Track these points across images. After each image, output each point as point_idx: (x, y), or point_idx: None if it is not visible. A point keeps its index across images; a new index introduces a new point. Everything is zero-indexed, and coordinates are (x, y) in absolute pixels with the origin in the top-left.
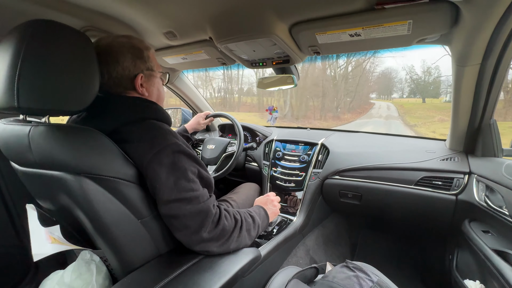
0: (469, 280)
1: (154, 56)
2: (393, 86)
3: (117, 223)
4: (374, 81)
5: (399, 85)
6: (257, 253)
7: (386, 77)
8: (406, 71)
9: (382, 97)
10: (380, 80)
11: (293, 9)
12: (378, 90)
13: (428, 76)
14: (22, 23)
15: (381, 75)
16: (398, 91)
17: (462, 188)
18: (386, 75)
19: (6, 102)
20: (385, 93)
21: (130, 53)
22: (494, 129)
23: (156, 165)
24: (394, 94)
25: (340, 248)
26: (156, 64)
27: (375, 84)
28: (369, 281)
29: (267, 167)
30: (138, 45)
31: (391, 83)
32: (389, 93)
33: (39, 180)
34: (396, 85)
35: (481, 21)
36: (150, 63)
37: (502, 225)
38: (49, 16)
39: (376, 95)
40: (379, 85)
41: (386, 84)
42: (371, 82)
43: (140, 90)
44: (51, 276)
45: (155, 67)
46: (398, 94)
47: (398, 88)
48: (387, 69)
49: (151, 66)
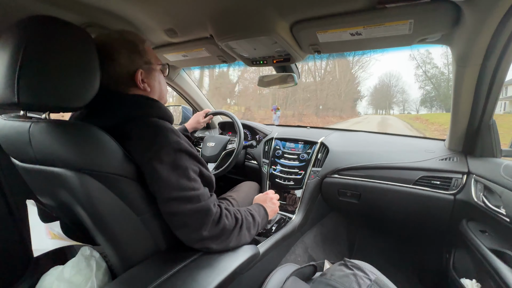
0: (466, 279)
1: (151, 48)
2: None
3: (117, 219)
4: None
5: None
6: (255, 251)
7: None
8: (418, 62)
9: (379, 111)
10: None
11: (294, 8)
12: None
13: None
14: (22, 19)
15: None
16: (399, 104)
17: (461, 188)
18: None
19: (6, 98)
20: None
21: (125, 48)
22: (493, 130)
23: (157, 163)
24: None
25: (338, 247)
26: (153, 56)
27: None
28: (366, 279)
29: (267, 165)
30: (132, 39)
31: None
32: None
33: (39, 176)
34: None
35: (483, 22)
36: (147, 56)
37: (500, 225)
38: (49, 12)
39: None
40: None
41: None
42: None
43: (141, 86)
44: (51, 272)
45: (153, 60)
46: (399, 108)
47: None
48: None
49: (149, 59)
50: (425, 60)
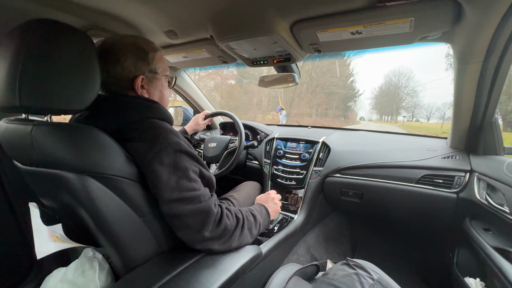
0: (470, 278)
1: (162, 59)
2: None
3: (119, 221)
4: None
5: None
6: (258, 251)
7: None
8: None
9: (384, 118)
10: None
11: (294, 7)
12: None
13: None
14: (23, 22)
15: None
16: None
17: (463, 186)
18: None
19: (8, 101)
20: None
21: (133, 53)
22: (496, 127)
23: (157, 165)
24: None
25: (341, 246)
26: (163, 66)
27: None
28: (369, 278)
29: (268, 165)
30: (143, 46)
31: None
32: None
33: (41, 178)
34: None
35: (484, 19)
36: (154, 65)
37: (503, 223)
38: (50, 15)
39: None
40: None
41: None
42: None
43: (139, 91)
44: (54, 273)
45: (161, 70)
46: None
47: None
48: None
49: (155, 68)
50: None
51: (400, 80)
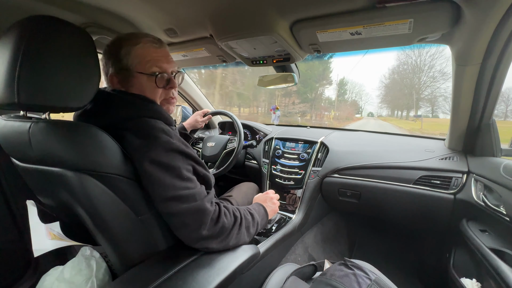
0: (466, 279)
1: (144, 53)
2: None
3: (117, 219)
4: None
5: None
6: (256, 250)
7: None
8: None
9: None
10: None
11: (294, 7)
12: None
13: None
14: (22, 19)
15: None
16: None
17: (461, 188)
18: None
19: (6, 98)
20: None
21: (107, 50)
22: (493, 129)
23: (149, 164)
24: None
25: (339, 246)
26: (142, 62)
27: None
28: (367, 279)
29: (267, 165)
30: (115, 42)
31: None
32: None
33: (39, 176)
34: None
35: (482, 21)
36: (127, 61)
37: (500, 224)
38: (49, 12)
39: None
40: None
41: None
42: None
43: (122, 89)
44: (51, 272)
45: (138, 66)
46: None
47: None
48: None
49: (129, 65)
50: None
51: (421, 58)
